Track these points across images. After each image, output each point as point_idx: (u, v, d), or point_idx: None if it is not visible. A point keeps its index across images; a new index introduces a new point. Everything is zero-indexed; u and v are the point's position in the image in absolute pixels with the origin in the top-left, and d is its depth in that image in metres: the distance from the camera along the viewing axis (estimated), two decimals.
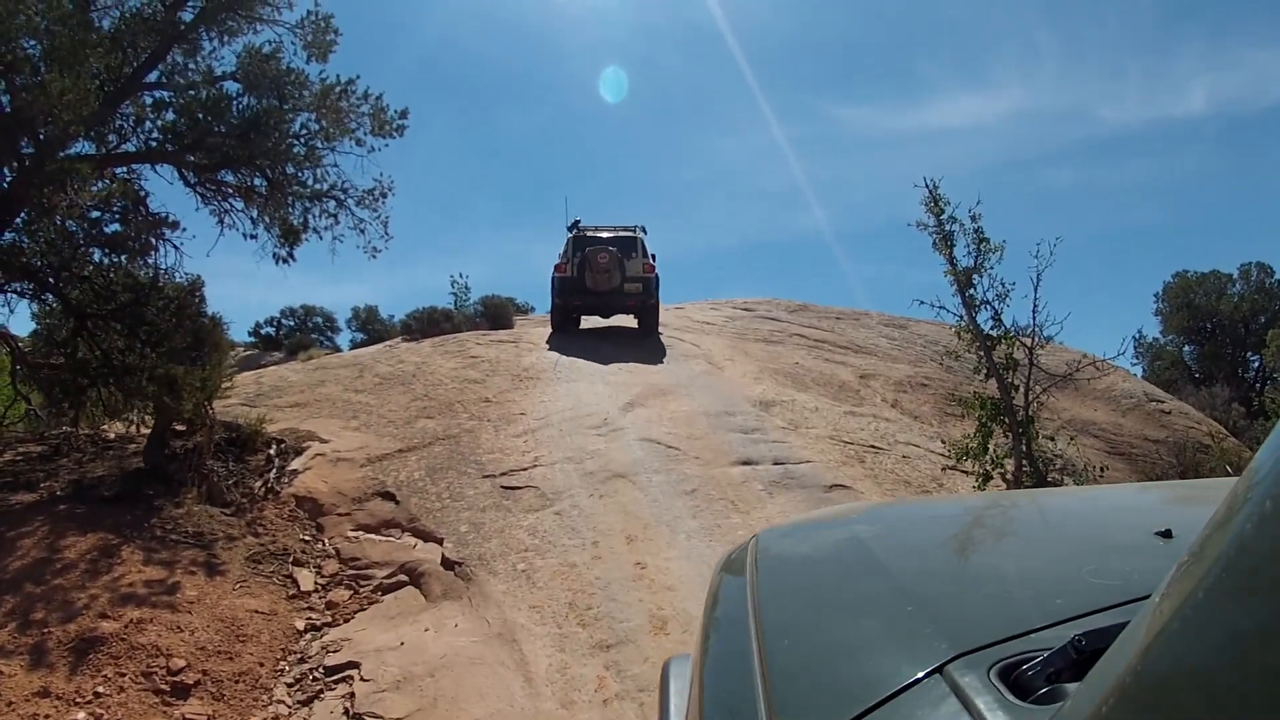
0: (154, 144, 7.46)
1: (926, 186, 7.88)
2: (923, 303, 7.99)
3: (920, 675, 0.79)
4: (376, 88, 8.25)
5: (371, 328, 26.54)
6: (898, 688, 0.78)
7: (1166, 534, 1.08)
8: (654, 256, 13.69)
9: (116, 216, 6.97)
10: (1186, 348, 30.87)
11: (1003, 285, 7.70)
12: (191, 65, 7.74)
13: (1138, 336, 30.67)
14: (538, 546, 5.67)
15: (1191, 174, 78.20)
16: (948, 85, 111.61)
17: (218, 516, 6.07)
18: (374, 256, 8.95)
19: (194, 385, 6.42)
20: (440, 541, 5.85)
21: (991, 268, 7.69)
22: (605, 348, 12.23)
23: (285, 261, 8.55)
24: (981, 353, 7.73)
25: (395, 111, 8.49)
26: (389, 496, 6.56)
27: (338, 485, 6.73)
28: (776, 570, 1.26)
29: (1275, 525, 0.41)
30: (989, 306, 7.78)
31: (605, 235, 13.73)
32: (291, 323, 28.81)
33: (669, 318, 15.14)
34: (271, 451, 7.28)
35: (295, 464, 7.14)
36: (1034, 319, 7.69)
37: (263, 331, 27.85)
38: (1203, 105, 71.40)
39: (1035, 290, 7.57)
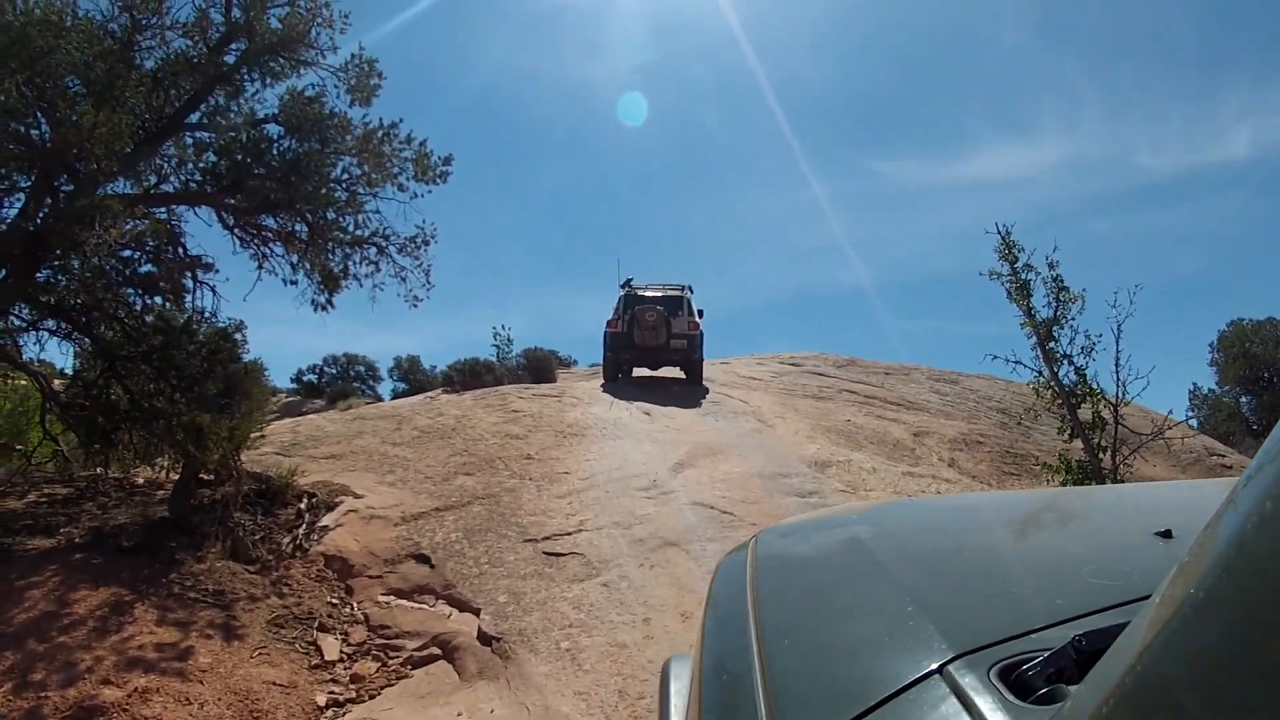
0: (194, 185, 7.30)
1: (999, 233, 7.41)
2: (996, 357, 7.50)
3: (920, 675, 0.77)
4: (420, 135, 8.04)
5: (413, 378, 26.63)
6: (898, 688, 0.75)
7: (1166, 534, 1.06)
8: (700, 313, 14.29)
9: (149, 256, 6.76)
10: (1244, 398, 29.48)
11: (1087, 338, 7.15)
12: (234, 107, 7.62)
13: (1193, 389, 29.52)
14: (583, 622, 5.15)
15: (1240, 219, 76.72)
16: (989, 137, 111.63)
17: (241, 574, 5.72)
18: (415, 305, 8.76)
19: (220, 435, 6.08)
20: (477, 612, 5.37)
21: (1073, 319, 7.15)
22: (652, 403, 11.94)
23: (324, 309, 8.38)
24: (1065, 411, 7.13)
25: (439, 157, 8.34)
26: (424, 559, 6.12)
27: (370, 545, 6.33)
28: (776, 570, 1.25)
29: (1275, 525, 0.40)
30: (1069, 361, 7.22)
31: (654, 294, 14.40)
32: (334, 371, 29.08)
33: (715, 373, 15.04)
34: (302, 506, 6.93)
35: (326, 520, 6.76)
36: (1117, 374, 7.13)
37: (305, 378, 28.12)
38: (1246, 150, 70.30)
39: (1117, 343, 7.05)
